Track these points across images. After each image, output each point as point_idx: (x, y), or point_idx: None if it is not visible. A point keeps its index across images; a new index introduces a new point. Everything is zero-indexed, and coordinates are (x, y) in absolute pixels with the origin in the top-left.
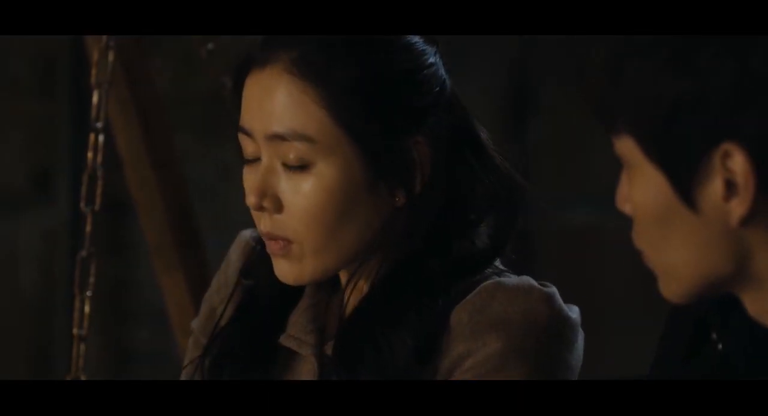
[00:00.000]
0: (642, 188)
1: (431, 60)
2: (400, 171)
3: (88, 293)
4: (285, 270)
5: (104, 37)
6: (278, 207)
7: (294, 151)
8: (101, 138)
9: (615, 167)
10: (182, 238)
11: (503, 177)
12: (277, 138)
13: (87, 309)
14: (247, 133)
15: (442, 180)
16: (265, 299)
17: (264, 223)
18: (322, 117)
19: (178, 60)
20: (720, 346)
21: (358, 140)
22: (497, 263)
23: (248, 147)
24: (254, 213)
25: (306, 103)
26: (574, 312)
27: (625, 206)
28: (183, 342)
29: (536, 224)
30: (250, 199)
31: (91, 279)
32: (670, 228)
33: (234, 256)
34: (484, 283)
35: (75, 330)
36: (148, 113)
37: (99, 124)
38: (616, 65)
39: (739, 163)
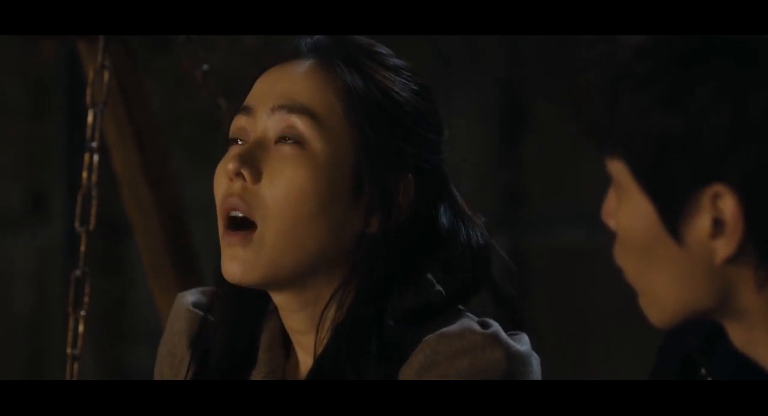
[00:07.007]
0: (629, 211)
1: (436, 106)
2: (382, 195)
3: (82, 312)
4: (236, 265)
5: (99, 58)
6: (256, 177)
7: (295, 125)
8: (96, 158)
9: (606, 185)
10: (178, 258)
11: (471, 237)
12: (282, 109)
13: (81, 328)
14: (247, 110)
15: (419, 221)
16: (219, 369)
17: (234, 190)
18: (335, 105)
19: (170, 81)
20: (710, 380)
21: (360, 130)
22: None
23: (239, 125)
24: (222, 186)
25: (325, 91)
26: (522, 342)
27: (610, 221)
28: None
29: (527, 242)
30: (229, 165)
31: (86, 299)
32: (653, 255)
33: (177, 326)
34: (426, 338)
35: (69, 350)
36: (143, 133)
37: (94, 144)
38: (612, 92)
39: (729, 205)
